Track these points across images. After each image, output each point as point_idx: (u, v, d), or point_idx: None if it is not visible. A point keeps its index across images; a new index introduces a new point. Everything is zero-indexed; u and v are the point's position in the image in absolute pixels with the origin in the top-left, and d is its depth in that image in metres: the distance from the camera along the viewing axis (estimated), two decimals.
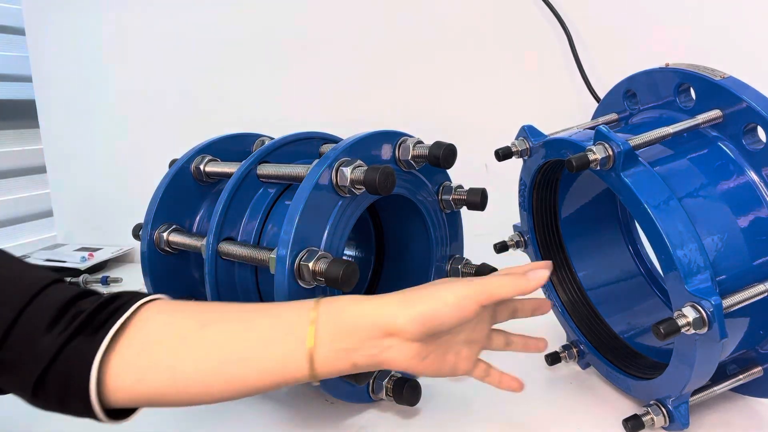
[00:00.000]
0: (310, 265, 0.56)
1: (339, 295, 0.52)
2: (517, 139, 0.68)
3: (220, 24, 1.23)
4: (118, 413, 0.46)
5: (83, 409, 0.44)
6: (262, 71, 1.21)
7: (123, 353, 0.44)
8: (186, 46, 1.27)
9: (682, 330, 0.47)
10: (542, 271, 0.51)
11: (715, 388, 0.59)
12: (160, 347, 0.45)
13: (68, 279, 1.19)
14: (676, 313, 0.48)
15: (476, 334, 0.52)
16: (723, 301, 0.48)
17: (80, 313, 0.44)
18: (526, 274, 0.51)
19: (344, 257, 0.64)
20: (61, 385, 0.43)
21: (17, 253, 0.49)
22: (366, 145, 0.63)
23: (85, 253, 1.28)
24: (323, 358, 0.47)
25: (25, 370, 0.43)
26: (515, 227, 0.77)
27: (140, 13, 1.29)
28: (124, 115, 1.35)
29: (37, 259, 1.26)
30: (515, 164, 0.71)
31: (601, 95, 0.75)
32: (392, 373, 0.64)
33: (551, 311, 0.75)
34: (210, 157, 0.76)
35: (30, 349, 0.43)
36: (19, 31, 1.44)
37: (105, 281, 1.20)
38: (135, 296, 0.48)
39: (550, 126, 0.69)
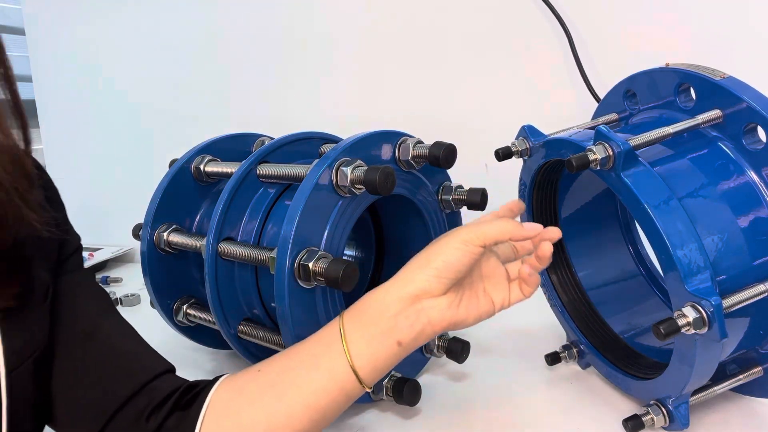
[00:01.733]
0: (310, 265, 0.56)
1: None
2: (517, 139, 0.68)
3: (220, 24, 1.23)
4: None
5: None
6: (262, 71, 1.21)
7: (205, 424, 0.49)
8: (186, 46, 1.27)
9: (682, 330, 0.47)
10: (536, 224, 0.54)
11: (715, 388, 0.59)
12: (222, 406, 0.49)
13: None
14: (676, 313, 0.48)
15: (490, 268, 0.56)
16: (723, 301, 0.48)
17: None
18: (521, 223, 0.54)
19: (344, 257, 0.64)
20: None
21: None
22: (366, 145, 0.63)
23: (85, 253, 1.27)
24: (365, 357, 0.49)
25: None
26: None
27: (140, 13, 1.29)
28: (124, 115, 1.36)
29: None
30: (515, 164, 0.71)
31: (601, 95, 0.75)
32: (392, 372, 0.64)
33: (551, 311, 0.76)
34: (210, 157, 0.76)
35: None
36: (19, 31, 1.44)
37: (105, 281, 1.20)
38: (213, 380, 0.52)
39: (550, 126, 0.69)
